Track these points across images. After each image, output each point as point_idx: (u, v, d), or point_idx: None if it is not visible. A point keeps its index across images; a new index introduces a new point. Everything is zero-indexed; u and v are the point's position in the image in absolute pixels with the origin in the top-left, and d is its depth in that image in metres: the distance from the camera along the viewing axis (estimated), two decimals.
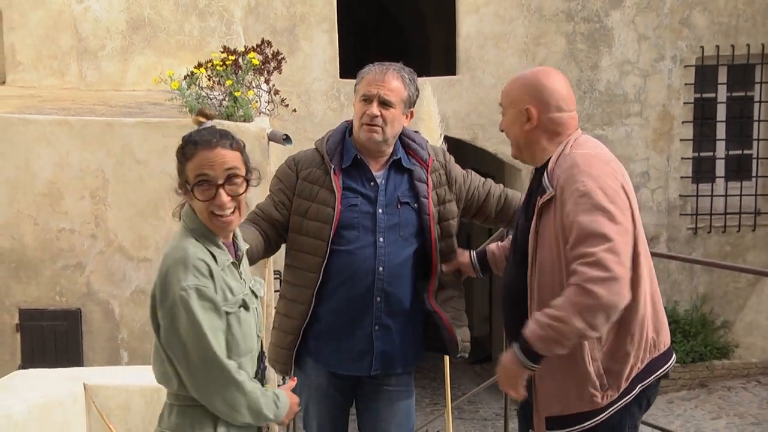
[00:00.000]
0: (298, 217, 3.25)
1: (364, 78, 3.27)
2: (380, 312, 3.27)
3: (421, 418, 10.44)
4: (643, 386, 2.84)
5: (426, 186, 3.33)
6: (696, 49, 10.83)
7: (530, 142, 2.90)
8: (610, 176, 2.72)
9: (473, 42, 10.64)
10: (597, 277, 2.54)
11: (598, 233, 2.61)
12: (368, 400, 3.44)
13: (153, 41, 8.90)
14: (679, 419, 9.71)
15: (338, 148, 3.30)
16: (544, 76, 2.91)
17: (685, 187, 11.08)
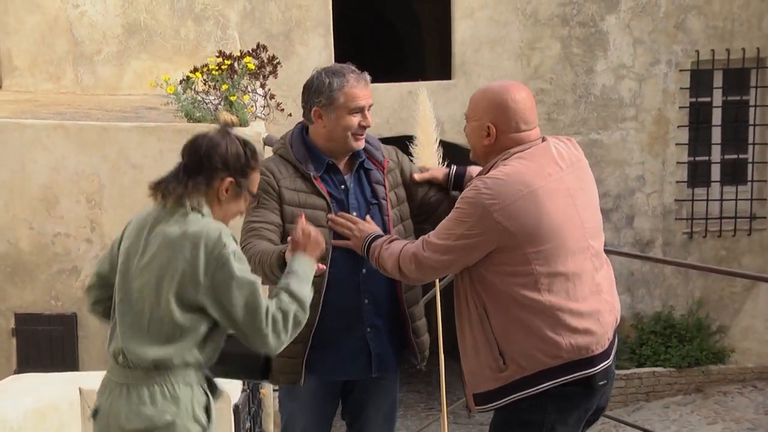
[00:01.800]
0: (291, 225, 3.19)
1: (350, 91, 3.22)
2: (370, 314, 3.30)
3: (417, 423, 10.43)
4: (555, 384, 2.94)
5: (383, 188, 3.36)
6: (691, 53, 10.86)
7: (486, 154, 3.08)
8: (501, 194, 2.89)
9: (468, 46, 10.65)
10: (417, 249, 3.01)
11: (443, 229, 2.98)
12: (358, 395, 3.45)
13: (149, 46, 8.90)
14: (675, 424, 9.71)
15: (305, 153, 3.29)
16: (509, 95, 3.02)
17: (680, 191, 11.10)
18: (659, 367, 10.69)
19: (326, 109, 3.22)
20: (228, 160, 2.74)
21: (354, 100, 3.21)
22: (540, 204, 2.89)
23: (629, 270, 11.11)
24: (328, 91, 3.20)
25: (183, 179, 2.74)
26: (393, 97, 10.58)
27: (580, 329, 2.96)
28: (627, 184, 11.04)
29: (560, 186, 2.96)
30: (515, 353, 2.93)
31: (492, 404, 3.03)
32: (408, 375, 12.73)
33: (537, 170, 2.95)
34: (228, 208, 2.80)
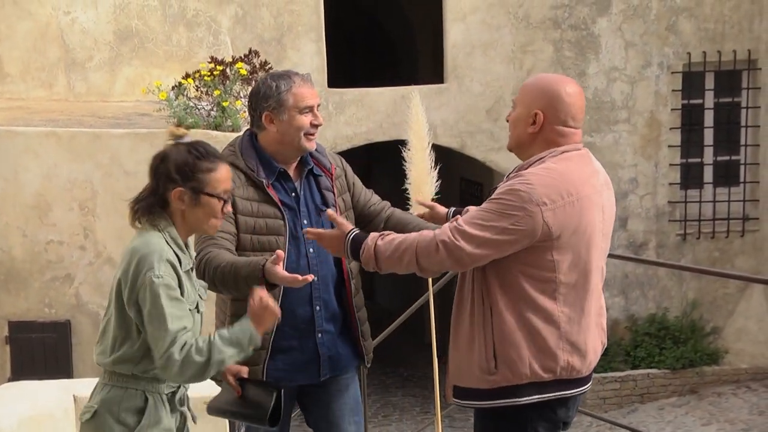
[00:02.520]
0: (246, 235, 3.24)
1: (298, 92, 3.25)
2: (321, 319, 3.34)
3: (412, 426, 10.43)
4: (541, 399, 2.92)
5: (333, 194, 3.40)
6: (683, 56, 10.89)
7: (527, 144, 2.98)
8: (550, 187, 2.80)
9: (461, 50, 10.66)
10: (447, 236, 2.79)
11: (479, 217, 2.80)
12: (319, 396, 3.48)
13: (140, 52, 8.90)
14: (669, 426, 9.72)
15: (255, 161, 3.30)
16: (563, 87, 2.94)
17: (673, 193, 11.12)
18: (654, 369, 10.71)
19: (276, 112, 3.25)
20: (171, 172, 2.78)
21: (303, 100, 3.26)
22: (582, 213, 2.84)
23: (623, 272, 11.13)
24: (276, 94, 3.24)
25: (140, 200, 2.85)
26: (385, 102, 10.59)
27: (580, 349, 2.95)
28: (620, 187, 11.06)
29: (598, 200, 2.92)
30: (509, 360, 2.88)
31: (471, 402, 3.01)
32: (403, 379, 12.74)
33: (585, 178, 2.90)
34: (195, 217, 2.81)
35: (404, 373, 13.01)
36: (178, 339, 2.70)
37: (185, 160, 2.79)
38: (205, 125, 6.41)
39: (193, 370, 2.71)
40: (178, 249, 2.80)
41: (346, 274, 3.40)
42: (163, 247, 2.75)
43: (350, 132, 10.63)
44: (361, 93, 10.71)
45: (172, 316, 2.69)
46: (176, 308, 2.72)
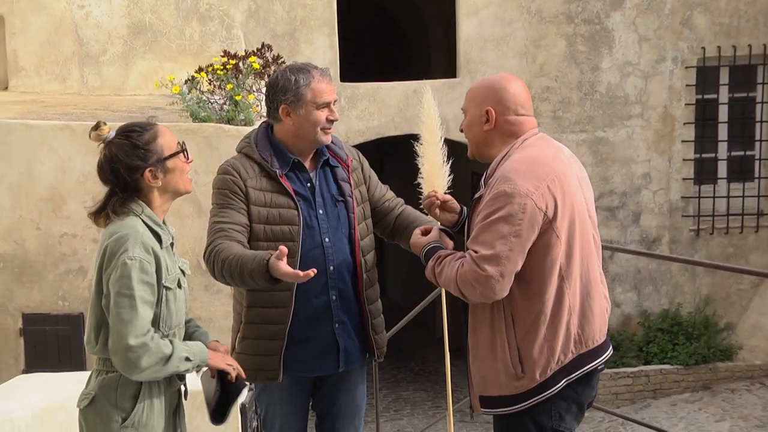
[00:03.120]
0: (259, 225, 3.25)
1: (316, 87, 3.27)
2: (337, 309, 3.35)
3: (424, 421, 10.44)
4: (569, 380, 2.97)
5: (349, 185, 3.42)
6: (697, 50, 10.83)
7: (487, 142, 3.09)
8: (530, 179, 2.86)
9: (473, 44, 10.64)
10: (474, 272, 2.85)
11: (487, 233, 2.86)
12: (329, 388, 3.50)
13: (154, 46, 8.92)
14: (682, 422, 9.69)
15: (270, 151, 3.32)
16: (506, 81, 3.08)
17: (687, 188, 11.08)
18: (666, 365, 10.68)
19: (294, 106, 3.27)
20: (130, 162, 2.87)
21: (321, 96, 3.27)
22: (564, 188, 2.91)
23: (636, 267, 11.10)
24: (295, 88, 3.26)
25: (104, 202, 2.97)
26: (398, 96, 10.59)
27: (587, 316, 3.00)
28: (633, 182, 11.02)
29: (571, 172, 2.99)
30: (535, 360, 2.92)
31: (501, 409, 3.02)
32: (414, 374, 12.75)
33: (553, 155, 2.98)
34: (172, 183, 2.92)
35: (416, 368, 13.02)
36: (148, 327, 2.77)
37: (131, 146, 2.88)
38: (218, 119, 6.42)
39: (155, 359, 2.76)
40: (156, 226, 2.88)
41: (359, 267, 3.40)
42: (137, 228, 2.82)
43: (362, 126, 10.63)
44: (373, 87, 10.70)
45: (142, 300, 2.76)
46: (147, 293, 2.77)
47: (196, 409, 4.68)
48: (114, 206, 2.89)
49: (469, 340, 3.09)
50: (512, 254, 2.83)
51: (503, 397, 2.99)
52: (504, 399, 2.99)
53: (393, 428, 10.43)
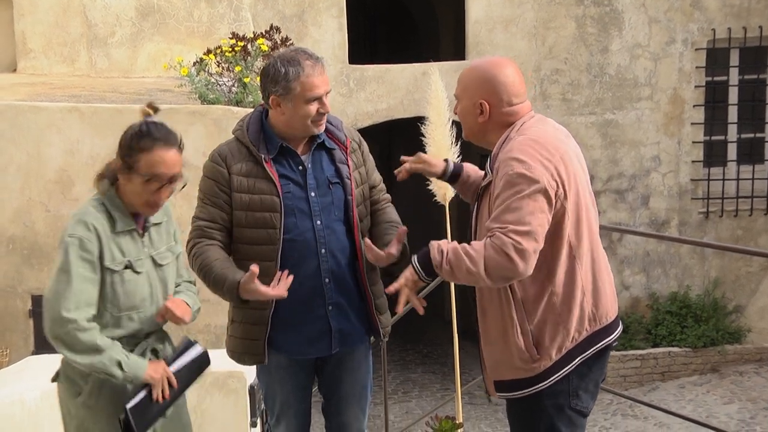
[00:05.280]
0: (241, 212, 3.26)
1: (306, 81, 3.19)
2: (331, 291, 3.34)
3: (432, 402, 10.47)
4: (584, 358, 2.98)
5: (347, 167, 3.38)
6: (707, 32, 10.77)
7: (483, 132, 3.05)
8: (540, 160, 2.85)
9: (482, 26, 10.60)
10: (510, 244, 2.77)
11: (513, 211, 2.80)
12: (332, 370, 3.51)
13: (162, 28, 8.90)
14: (690, 404, 9.70)
15: (260, 136, 3.31)
16: (498, 70, 3.01)
17: (696, 171, 11.04)
18: (675, 347, 10.68)
19: (283, 98, 3.22)
20: (121, 144, 2.99)
21: (311, 90, 3.20)
22: (567, 165, 2.90)
23: (645, 250, 11.09)
24: (284, 80, 3.20)
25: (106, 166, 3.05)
26: (407, 78, 10.56)
27: (598, 292, 3.00)
28: (642, 164, 10.99)
29: (568, 150, 2.98)
30: (550, 341, 2.93)
31: (517, 393, 3.02)
32: (422, 355, 12.78)
33: (552, 134, 2.97)
34: (129, 191, 2.98)
35: (424, 350, 13.05)
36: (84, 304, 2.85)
37: (129, 135, 2.97)
38: (227, 101, 6.41)
39: (86, 343, 2.84)
40: (116, 211, 2.97)
41: (359, 249, 3.38)
42: (88, 210, 2.94)
43: (371, 108, 10.61)
44: (382, 70, 10.68)
45: (79, 275, 2.85)
46: (86, 270, 2.86)
47: (205, 390, 4.71)
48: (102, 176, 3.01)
49: (480, 326, 3.08)
50: (541, 230, 2.81)
51: (519, 381, 2.99)
52: (519, 382, 2.99)
53: (401, 410, 10.47)
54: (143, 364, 2.95)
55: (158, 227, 3.13)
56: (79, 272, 2.85)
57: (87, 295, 2.87)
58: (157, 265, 3.08)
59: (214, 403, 4.72)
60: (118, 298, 2.94)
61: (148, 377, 2.94)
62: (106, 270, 2.91)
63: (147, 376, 2.94)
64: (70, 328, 2.82)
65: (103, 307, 2.93)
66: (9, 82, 7.96)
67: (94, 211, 2.95)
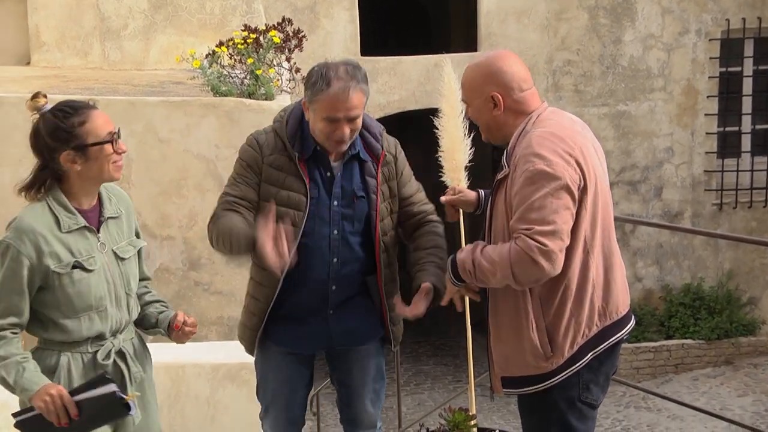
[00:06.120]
0: (267, 204, 3.20)
1: (326, 100, 3.10)
2: (335, 298, 3.33)
3: (444, 395, 10.48)
4: (596, 353, 2.97)
5: (375, 181, 3.32)
6: (721, 22, 10.71)
7: (499, 125, 3.02)
8: (560, 154, 2.83)
9: (494, 17, 10.56)
10: (536, 247, 2.75)
11: (537, 210, 2.78)
12: (340, 363, 3.51)
13: (174, 20, 8.91)
14: (704, 396, 9.68)
15: (297, 134, 3.26)
16: (500, 61, 3.01)
17: (710, 162, 10.99)
18: (688, 339, 10.65)
19: (309, 104, 3.19)
20: (49, 141, 2.85)
21: (328, 111, 3.12)
22: (585, 158, 2.88)
23: (658, 242, 11.05)
24: (311, 89, 3.14)
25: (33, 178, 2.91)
26: (419, 70, 10.54)
27: (610, 288, 2.99)
28: (655, 156, 10.95)
29: (586, 142, 2.96)
30: (564, 339, 2.91)
31: (524, 389, 3.02)
32: (435, 347, 12.79)
33: (569, 126, 2.95)
34: (94, 170, 2.88)
35: (436, 342, 13.05)
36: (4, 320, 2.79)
37: (56, 125, 2.84)
38: (239, 93, 6.41)
39: None
40: (62, 211, 2.86)
41: (379, 263, 3.35)
42: (24, 216, 2.84)
43: (383, 100, 10.60)
44: (393, 61, 10.66)
45: None
46: (8, 278, 2.79)
47: (218, 382, 4.73)
48: (39, 185, 2.90)
49: (490, 322, 3.06)
50: (567, 228, 2.80)
51: (528, 377, 2.98)
52: (529, 379, 2.98)
53: (414, 402, 10.48)
54: (34, 385, 2.78)
55: (116, 220, 3.03)
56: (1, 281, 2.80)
57: (6, 305, 2.80)
58: (119, 259, 2.98)
59: (226, 395, 4.73)
60: (71, 300, 2.85)
61: (34, 400, 2.78)
62: (53, 274, 2.82)
63: (33, 398, 2.78)
64: None
65: (57, 311, 2.86)
66: (23, 75, 7.99)
67: (33, 215, 2.84)
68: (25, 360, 2.82)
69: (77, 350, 2.91)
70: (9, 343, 2.81)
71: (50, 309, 2.86)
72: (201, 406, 4.67)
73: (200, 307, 5.77)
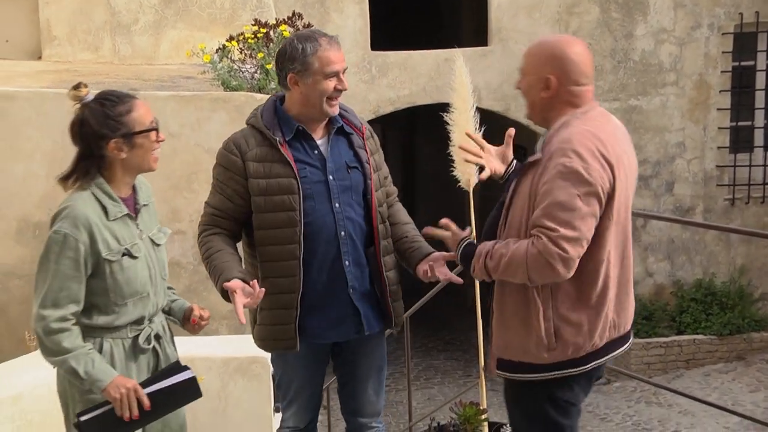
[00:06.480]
0: (259, 197, 3.26)
1: (323, 56, 3.22)
2: (351, 275, 3.35)
3: (455, 389, 10.48)
4: (597, 363, 2.96)
5: (366, 152, 3.40)
6: (734, 16, 10.65)
7: (545, 109, 2.97)
8: (597, 157, 2.78)
9: (505, 12, 10.54)
10: (556, 253, 2.73)
11: (566, 211, 2.74)
12: (347, 355, 3.52)
13: (185, 15, 8.91)
14: (716, 392, 9.65)
15: (274, 121, 3.31)
16: (569, 47, 2.93)
17: (722, 157, 10.95)
18: (700, 335, 10.62)
19: (302, 75, 3.24)
20: (97, 129, 2.92)
21: (329, 65, 3.23)
22: (618, 168, 2.84)
23: (669, 237, 11.01)
24: (302, 56, 3.22)
25: (74, 167, 3.01)
26: (429, 65, 10.52)
27: (623, 304, 2.97)
28: (667, 151, 10.90)
29: (623, 154, 2.90)
30: (570, 336, 2.89)
31: (519, 375, 3.01)
32: (445, 342, 12.79)
33: (611, 133, 2.90)
34: (136, 159, 2.97)
35: (446, 337, 13.06)
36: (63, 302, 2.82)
37: (104, 113, 2.92)
38: (249, 88, 6.41)
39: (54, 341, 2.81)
40: (107, 199, 2.93)
41: (377, 234, 3.39)
42: (77, 203, 2.89)
43: (393, 95, 10.58)
44: (404, 56, 10.64)
45: (59, 273, 2.82)
46: (68, 267, 2.82)
47: (229, 376, 4.73)
48: (79, 175, 2.97)
49: (495, 306, 3.04)
50: (590, 235, 2.76)
51: (525, 364, 2.96)
52: (525, 366, 2.96)
53: (424, 396, 10.48)
54: (107, 376, 2.85)
55: (147, 208, 3.11)
56: (60, 270, 2.82)
57: (66, 293, 2.83)
58: (155, 245, 3.07)
59: (237, 389, 4.74)
60: (120, 286, 2.92)
61: (107, 392, 2.83)
62: (105, 261, 2.88)
63: (107, 390, 2.83)
64: (41, 326, 2.82)
65: (106, 297, 2.91)
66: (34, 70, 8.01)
67: (83, 203, 2.91)
68: (92, 351, 2.87)
69: (118, 335, 2.97)
70: (73, 334, 2.85)
71: (97, 296, 2.91)
72: (212, 399, 4.68)
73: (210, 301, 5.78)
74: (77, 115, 2.98)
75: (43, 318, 2.81)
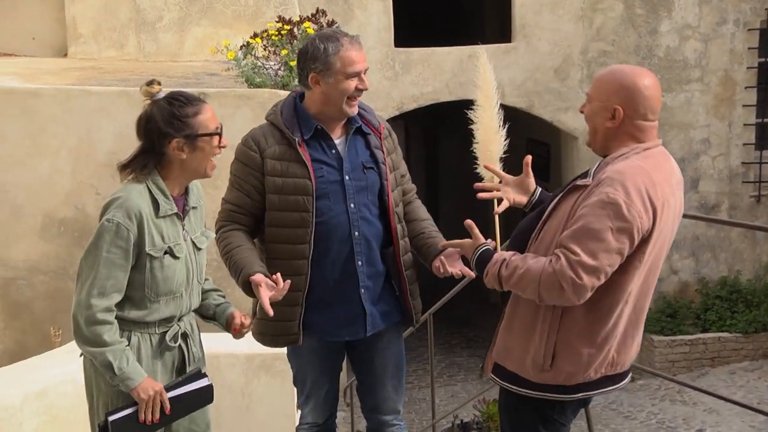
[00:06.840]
0: (274, 195, 3.28)
1: (345, 55, 3.22)
2: (363, 275, 3.36)
3: (478, 387, 10.47)
4: (586, 395, 2.94)
5: (382, 153, 3.40)
6: (761, 12, 10.55)
7: (607, 138, 2.91)
8: (643, 197, 2.72)
9: (529, 8, 10.50)
10: (570, 277, 2.69)
11: (594, 240, 2.70)
12: (362, 352, 3.53)
13: (209, 12, 8.95)
14: (741, 390, 9.58)
15: (294, 119, 3.32)
16: (640, 79, 2.88)
17: (747, 153, 10.86)
18: (725, 333, 10.55)
19: (323, 75, 3.24)
20: (162, 127, 2.94)
21: (351, 65, 3.23)
22: (662, 215, 2.78)
23: (694, 234, 10.94)
24: (324, 56, 3.22)
25: (133, 159, 3.03)
26: (452, 61, 10.50)
27: (627, 344, 2.94)
28: (692, 147, 10.83)
29: (672, 200, 2.85)
30: (566, 363, 2.86)
31: (508, 385, 2.99)
32: (468, 340, 12.78)
33: (666, 177, 2.84)
34: (196, 161, 2.99)
35: (469, 334, 13.05)
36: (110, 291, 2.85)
37: (171, 113, 2.95)
38: (273, 84, 6.43)
39: (93, 331, 2.84)
40: (160, 195, 2.95)
41: (395, 234, 3.40)
42: (131, 194, 2.91)
43: (416, 92, 10.57)
44: (427, 52, 10.63)
45: (108, 261, 2.85)
46: (117, 257, 2.85)
47: (253, 373, 4.75)
48: (136, 167, 2.99)
49: (508, 307, 3.02)
50: (610, 270, 2.71)
51: (518, 377, 2.94)
52: (517, 378, 2.95)
53: (447, 393, 10.48)
54: (139, 377, 2.89)
55: (195, 211, 3.13)
56: (110, 258, 2.85)
57: (113, 282, 2.87)
58: (197, 249, 3.09)
59: (261, 385, 4.76)
60: (157, 283, 2.95)
61: (136, 393, 2.89)
62: (147, 256, 2.90)
63: (136, 391, 2.88)
64: (87, 314, 2.84)
65: (141, 292, 2.93)
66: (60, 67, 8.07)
67: (137, 195, 2.93)
68: (127, 348, 2.91)
69: (146, 331, 3.00)
70: (113, 328, 2.89)
71: (133, 289, 2.93)
72: (235, 396, 4.70)
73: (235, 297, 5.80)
74: (145, 111, 3.01)
75: (91, 306, 2.84)
